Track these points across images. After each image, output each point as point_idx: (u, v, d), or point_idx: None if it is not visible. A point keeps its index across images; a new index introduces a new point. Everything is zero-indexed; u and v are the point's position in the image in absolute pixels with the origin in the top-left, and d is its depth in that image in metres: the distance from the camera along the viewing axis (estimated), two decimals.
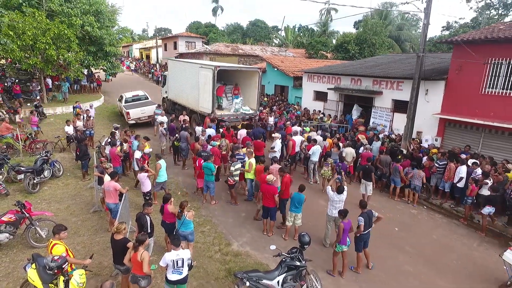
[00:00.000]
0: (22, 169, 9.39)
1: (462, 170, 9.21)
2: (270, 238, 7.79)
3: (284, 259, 5.73)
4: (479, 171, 9.08)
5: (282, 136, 11.83)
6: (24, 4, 17.55)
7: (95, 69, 24.49)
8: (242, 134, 11.99)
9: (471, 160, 9.70)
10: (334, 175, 9.31)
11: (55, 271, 4.56)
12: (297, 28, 51.79)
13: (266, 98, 21.25)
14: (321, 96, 18.06)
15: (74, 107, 16.60)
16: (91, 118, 13.97)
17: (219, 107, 15.09)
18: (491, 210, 8.30)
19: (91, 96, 23.29)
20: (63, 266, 4.62)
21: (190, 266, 5.37)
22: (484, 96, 10.68)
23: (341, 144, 11.53)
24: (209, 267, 6.63)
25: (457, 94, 11.41)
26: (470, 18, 33.29)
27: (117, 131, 11.79)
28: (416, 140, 12.19)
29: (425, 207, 10.00)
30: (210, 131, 12.11)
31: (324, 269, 6.67)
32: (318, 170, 11.33)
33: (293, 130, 12.57)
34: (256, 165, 9.23)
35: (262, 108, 17.40)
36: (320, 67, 20.77)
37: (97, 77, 26.73)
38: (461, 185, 9.27)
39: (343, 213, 6.39)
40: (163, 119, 13.80)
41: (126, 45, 60.10)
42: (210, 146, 10.35)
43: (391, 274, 6.79)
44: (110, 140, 10.43)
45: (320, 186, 10.80)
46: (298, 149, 11.63)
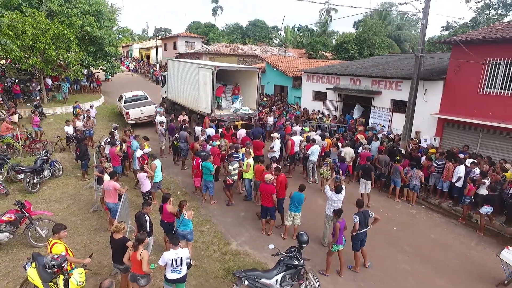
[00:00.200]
0: (22, 169, 9.43)
1: (460, 170, 9.25)
2: (269, 237, 7.83)
3: (282, 258, 5.77)
4: (478, 171, 9.12)
5: (281, 136, 11.87)
6: (24, 4, 17.56)
7: (95, 69, 24.52)
8: (242, 134, 12.03)
9: (470, 159, 9.74)
10: (333, 175, 9.35)
11: (55, 270, 4.60)
12: (296, 28, 51.83)
13: (265, 98, 21.28)
14: (320, 96, 18.10)
15: (74, 107, 16.63)
16: (91, 118, 14.00)
17: (219, 107, 15.13)
18: (489, 209, 8.34)
19: (91, 96, 23.31)
20: (63, 265, 4.65)
21: (189, 265, 5.41)
22: (482, 96, 10.71)
23: (340, 144, 11.59)
24: (208, 266, 6.66)
25: (455, 94, 11.45)
26: (469, 18, 33.31)
27: (116, 131, 11.82)
28: (414, 140, 12.24)
29: (423, 207, 10.04)
30: (209, 131, 12.15)
31: (323, 267, 6.68)
32: (317, 170, 11.37)
33: (293, 130, 12.64)
34: (255, 165, 9.27)
35: (261, 108, 17.43)
36: (319, 67, 20.80)
37: (96, 77, 26.76)
38: (459, 184, 9.31)
39: (338, 212, 6.42)
40: (162, 119, 13.83)
41: (126, 45, 60.10)
42: (209, 146, 10.39)
43: (389, 273, 6.83)
44: (109, 140, 10.46)
45: (319, 185, 10.83)
46: (297, 149, 11.67)
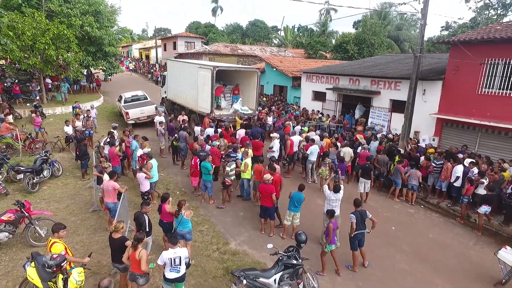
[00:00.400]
0: (21, 169, 9.45)
1: (458, 170, 9.28)
2: (268, 237, 7.84)
3: (281, 258, 5.79)
4: (476, 171, 9.15)
5: (280, 136, 11.89)
6: (23, 4, 17.61)
7: (95, 69, 24.55)
8: (241, 134, 12.05)
9: (468, 159, 9.77)
10: (331, 174, 9.39)
11: (54, 269, 4.62)
12: (296, 28, 51.83)
13: (264, 98, 21.31)
14: (319, 96, 18.12)
15: (74, 107, 16.65)
16: (91, 118, 14.03)
17: (218, 107, 15.15)
18: (488, 209, 8.35)
19: (91, 96, 23.35)
20: (62, 264, 4.68)
21: (188, 265, 5.43)
22: (480, 96, 10.74)
23: (339, 144, 11.62)
24: (207, 266, 6.69)
25: (454, 94, 11.48)
26: (469, 18, 33.35)
27: (115, 131, 11.85)
28: (413, 140, 12.26)
29: (422, 207, 10.06)
30: (209, 131, 12.17)
31: (319, 268, 6.70)
32: (316, 169, 11.39)
33: (292, 130, 12.68)
34: (254, 165, 9.30)
35: (260, 108, 17.46)
36: (318, 67, 20.83)
37: (96, 77, 26.78)
38: (457, 184, 9.34)
39: (330, 213, 6.46)
40: (162, 119, 13.85)
41: (126, 45, 60.10)
42: (208, 146, 10.41)
43: (388, 272, 6.85)
44: (109, 140, 10.49)
45: (318, 185, 10.85)
46: (296, 148, 11.69)
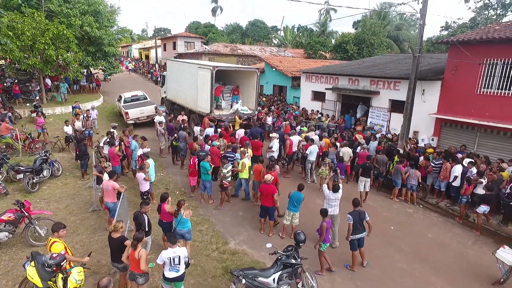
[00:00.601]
0: (21, 168, 9.46)
1: (457, 169, 9.31)
2: (267, 236, 7.86)
3: (280, 257, 5.81)
4: (475, 171, 9.18)
5: (280, 135, 11.91)
6: (23, 4, 17.63)
7: (94, 69, 24.55)
8: (240, 134, 12.08)
9: (467, 159, 9.80)
10: (330, 174, 9.43)
11: (54, 269, 4.64)
12: (296, 28, 51.89)
13: (264, 98, 21.33)
14: (319, 96, 18.14)
15: (74, 107, 16.66)
16: (90, 118, 14.04)
17: (219, 107, 15.17)
18: (486, 209, 8.38)
19: (90, 96, 23.36)
20: (62, 264, 4.70)
21: (187, 264, 5.45)
22: (479, 96, 10.76)
23: (338, 143, 11.65)
24: (206, 265, 6.71)
25: (453, 94, 11.50)
26: (468, 18, 33.39)
27: (115, 130, 11.87)
28: (413, 140, 12.28)
29: (421, 206, 10.09)
30: (209, 131, 12.18)
31: (319, 267, 6.73)
32: (315, 169, 11.42)
33: (292, 131, 12.71)
34: (254, 165, 9.32)
35: (260, 108, 17.48)
36: (318, 67, 20.85)
37: (96, 77, 26.79)
38: (456, 184, 9.37)
39: (323, 212, 6.49)
40: (161, 119, 13.88)
41: (125, 45, 60.08)
42: (208, 146, 10.43)
43: (387, 272, 6.87)
44: (109, 139, 10.51)
45: (317, 185, 10.86)
46: (295, 148, 11.71)
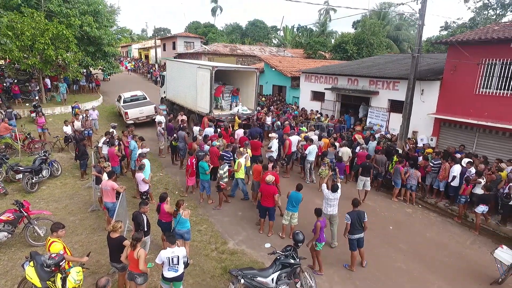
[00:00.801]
0: (20, 168, 9.47)
1: (455, 169, 9.33)
2: (266, 236, 7.87)
3: (278, 257, 5.82)
4: (473, 171, 9.19)
5: (279, 136, 11.92)
6: (23, 4, 17.63)
7: (94, 69, 24.54)
8: (240, 134, 12.08)
9: (466, 159, 9.81)
10: (329, 173, 9.45)
11: (53, 269, 4.65)
12: (295, 28, 51.91)
13: (263, 98, 21.33)
14: (318, 96, 18.15)
15: (73, 107, 16.65)
16: (89, 118, 14.04)
17: (220, 108, 15.17)
18: (485, 209, 8.41)
19: (90, 96, 23.37)
20: (61, 264, 4.70)
21: (186, 264, 5.47)
22: (478, 96, 10.78)
23: (337, 143, 11.66)
24: (205, 265, 6.72)
25: (452, 94, 11.52)
26: (468, 18, 33.41)
27: (114, 130, 11.88)
28: (412, 140, 12.30)
29: (420, 206, 10.10)
30: (208, 131, 12.18)
31: (318, 267, 6.74)
32: (315, 169, 11.43)
33: (291, 131, 12.73)
34: (253, 165, 9.34)
35: (259, 108, 17.50)
36: (317, 67, 20.87)
37: (95, 77, 26.79)
38: (454, 184, 9.39)
39: (318, 211, 6.51)
40: (161, 119, 13.89)
41: (125, 45, 60.11)
42: (207, 146, 10.43)
43: (385, 272, 6.88)
44: (108, 140, 10.51)
45: (316, 185, 10.88)
46: (294, 148, 11.72)
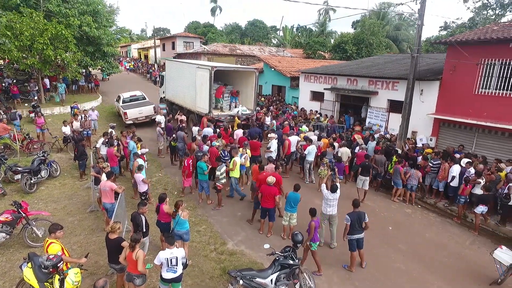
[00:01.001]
0: (19, 169, 9.45)
1: (455, 169, 9.32)
2: (266, 237, 7.85)
3: (277, 258, 5.81)
4: (473, 171, 9.19)
5: (278, 136, 11.90)
6: (21, 4, 17.59)
7: (93, 69, 24.50)
8: (239, 134, 12.06)
9: (465, 159, 9.81)
10: (328, 173, 9.44)
11: (50, 270, 4.63)
12: (295, 28, 51.91)
13: (263, 98, 21.31)
14: (317, 96, 18.14)
15: (72, 108, 16.62)
16: (88, 118, 14.00)
17: (220, 108, 15.14)
18: (484, 209, 8.41)
19: (89, 96, 23.33)
20: (58, 265, 4.68)
21: (185, 265, 5.45)
22: (477, 96, 10.77)
23: (337, 144, 11.64)
24: (204, 266, 6.70)
25: (451, 94, 11.51)
26: (467, 18, 33.47)
27: (113, 130, 11.85)
28: (411, 140, 12.29)
29: (419, 206, 10.10)
30: (207, 131, 12.16)
31: (317, 267, 6.72)
32: (314, 170, 11.41)
33: (290, 131, 12.71)
34: (252, 165, 9.33)
35: (259, 108, 17.48)
36: (316, 68, 20.85)
37: (94, 77, 26.75)
38: (454, 184, 9.38)
39: (312, 211, 6.52)
40: (160, 119, 13.87)
41: (125, 45, 60.05)
42: (206, 147, 10.41)
43: (385, 272, 6.87)
44: (107, 140, 10.49)
45: (316, 185, 10.87)
46: (294, 149, 11.71)
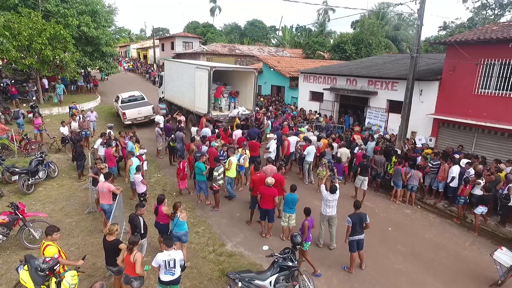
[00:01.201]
0: (16, 170, 9.39)
1: (454, 170, 9.29)
2: (265, 238, 7.82)
3: (276, 260, 5.77)
4: (472, 171, 9.16)
5: (278, 136, 11.86)
6: (20, 4, 17.51)
7: (92, 69, 24.41)
8: (238, 134, 12.01)
9: (465, 160, 9.78)
10: (327, 173, 9.41)
11: (47, 273, 4.58)
12: (294, 28, 51.88)
13: (262, 99, 21.26)
14: (317, 96, 18.11)
15: (70, 108, 16.55)
16: (87, 119, 13.94)
17: (219, 109, 15.09)
18: (484, 209, 8.38)
19: (88, 96, 23.26)
20: (55, 268, 4.64)
21: (183, 267, 5.40)
22: (477, 96, 10.75)
23: (336, 144, 11.60)
24: (203, 268, 6.66)
25: (450, 95, 11.49)
26: (466, 18, 33.48)
27: (111, 131, 11.80)
28: (411, 140, 12.26)
29: (419, 207, 10.06)
30: (205, 131, 12.11)
31: (317, 268, 6.67)
32: (313, 170, 11.38)
33: (289, 132, 12.67)
34: (252, 166, 9.31)
35: (258, 108, 17.44)
36: (316, 68, 20.82)
37: (93, 77, 26.67)
38: (453, 184, 9.35)
39: (306, 211, 6.50)
40: (159, 120, 13.81)
41: (124, 45, 60.05)
42: (205, 147, 10.36)
43: (384, 273, 6.83)
44: (106, 141, 10.44)
45: (315, 186, 10.83)
46: (293, 149, 11.66)
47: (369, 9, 34.80)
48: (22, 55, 16.58)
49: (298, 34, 46.08)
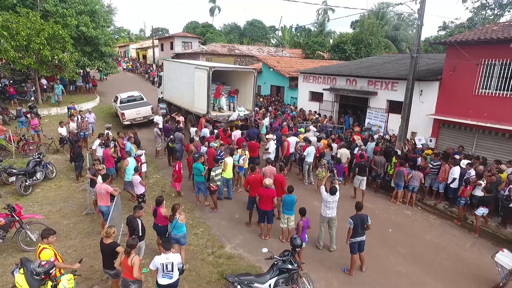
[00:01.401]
0: (14, 171, 9.32)
1: (455, 171, 9.23)
2: (265, 240, 7.76)
3: (276, 262, 5.71)
4: (473, 172, 9.11)
5: (277, 137, 11.79)
6: (18, 4, 17.43)
7: (91, 69, 24.33)
8: (237, 135, 11.95)
9: (465, 161, 9.72)
10: (327, 174, 9.35)
11: (42, 277, 4.51)
12: (294, 28, 51.82)
13: (261, 99, 21.19)
14: (316, 96, 18.05)
15: (69, 108, 16.47)
16: (85, 119, 13.86)
17: (218, 109, 15.02)
18: (485, 211, 8.33)
19: (87, 96, 23.18)
20: (51, 271, 4.56)
21: (181, 271, 5.34)
22: (477, 97, 10.70)
23: (336, 145, 11.54)
24: (201, 270, 6.59)
25: (451, 95, 11.43)
26: (466, 18, 33.48)
27: (109, 131, 11.73)
28: (411, 141, 12.21)
29: (419, 208, 10.01)
30: (205, 132, 12.04)
31: (317, 270, 6.64)
32: (313, 171, 11.32)
33: (289, 132, 12.60)
34: (250, 166, 9.24)
35: (257, 108, 17.37)
36: (315, 68, 20.76)
37: (92, 77, 26.58)
38: (454, 185, 9.30)
39: (302, 211, 6.48)
40: (158, 120, 13.74)
41: (123, 45, 59.97)
42: (204, 148, 10.30)
43: (384, 275, 6.77)
44: (104, 141, 10.37)
45: (314, 187, 10.77)
46: (292, 150, 11.60)
47: (368, 9, 34.73)
48: (21, 55, 16.49)
49: (298, 34, 45.98)
